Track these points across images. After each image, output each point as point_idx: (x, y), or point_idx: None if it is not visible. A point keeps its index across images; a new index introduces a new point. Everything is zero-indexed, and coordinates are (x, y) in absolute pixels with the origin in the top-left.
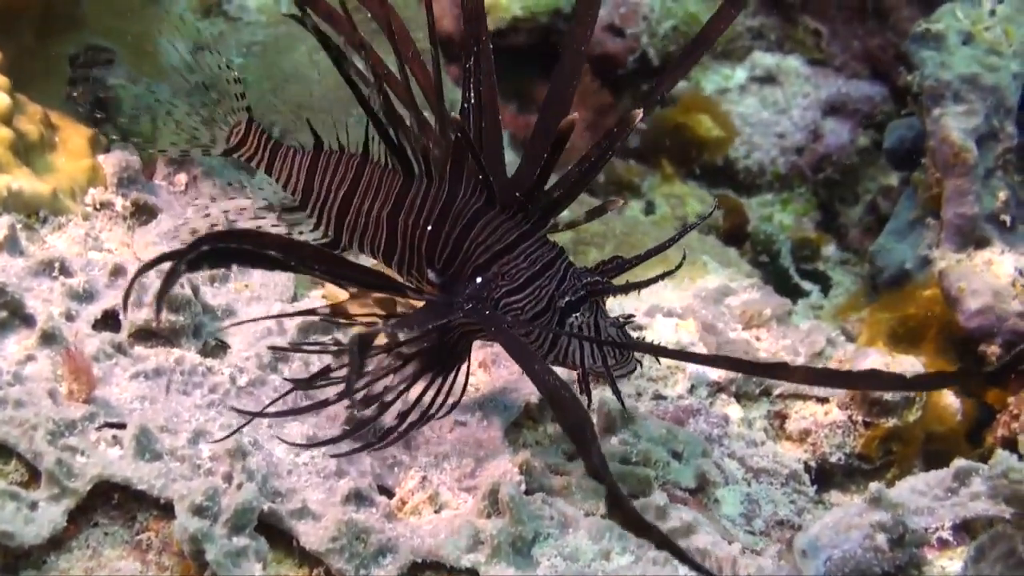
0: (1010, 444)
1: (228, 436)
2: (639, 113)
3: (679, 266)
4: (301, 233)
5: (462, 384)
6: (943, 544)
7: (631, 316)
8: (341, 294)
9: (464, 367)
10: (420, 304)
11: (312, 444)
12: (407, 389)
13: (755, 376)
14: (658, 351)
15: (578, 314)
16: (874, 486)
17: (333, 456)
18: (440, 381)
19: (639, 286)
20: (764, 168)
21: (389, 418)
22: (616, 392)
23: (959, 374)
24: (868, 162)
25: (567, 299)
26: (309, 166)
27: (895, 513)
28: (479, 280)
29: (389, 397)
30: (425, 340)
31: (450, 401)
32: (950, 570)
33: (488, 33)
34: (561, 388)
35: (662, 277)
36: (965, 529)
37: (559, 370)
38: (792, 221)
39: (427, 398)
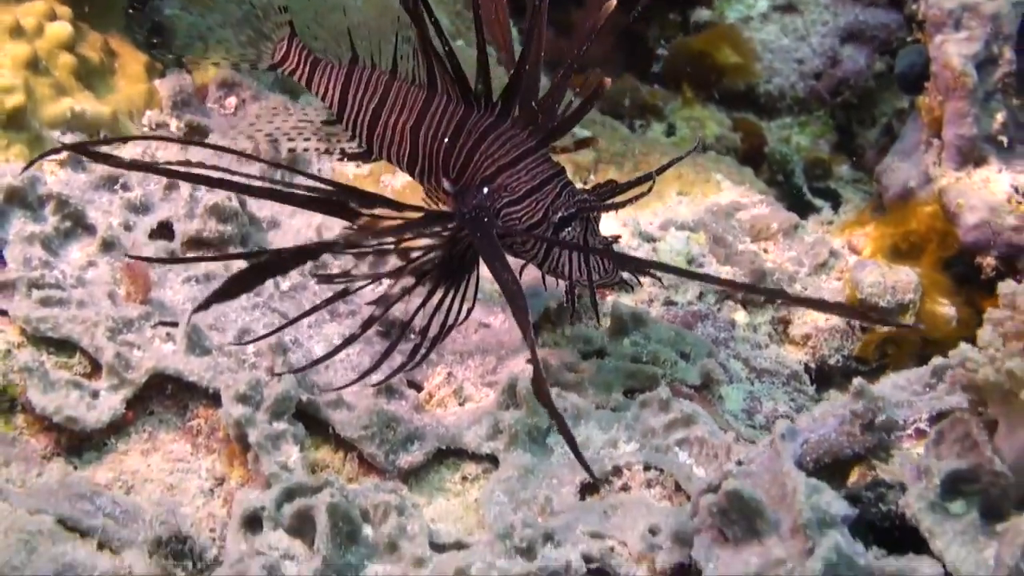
0: None
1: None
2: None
3: (649, 190)
4: (339, 141)
5: (474, 291)
6: (920, 434)
7: (618, 236)
8: None
9: (474, 275)
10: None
11: (352, 382)
12: (424, 304)
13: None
14: (631, 261)
15: (570, 228)
16: (857, 381)
17: (372, 386)
18: (454, 292)
19: (622, 205)
20: (784, 92)
21: (413, 334)
22: (594, 304)
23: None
24: (884, 86)
25: (560, 214)
26: (344, 81)
27: (871, 402)
28: (485, 190)
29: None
30: (435, 254)
31: (465, 307)
32: (916, 453)
33: None
34: (513, 283)
35: (638, 198)
36: (941, 419)
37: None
38: (809, 143)
39: (442, 313)
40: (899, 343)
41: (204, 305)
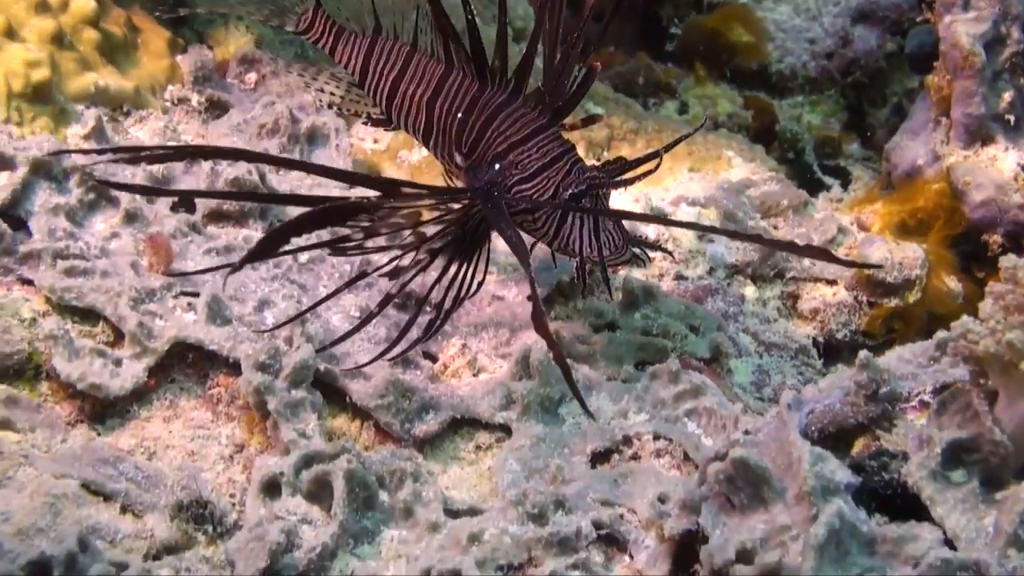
0: None
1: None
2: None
3: (657, 167)
4: (365, 105)
5: (485, 265)
6: (924, 405)
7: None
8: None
9: (486, 249)
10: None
11: (373, 359)
12: (440, 279)
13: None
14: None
15: (582, 204)
16: (863, 353)
17: (388, 360)
18: (467, 266)
19: (631, 181)
20: (796, 71)
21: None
22: (606, 280)
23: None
24: (894, 66)
25: (570, 191)
26: (366, 51)
27: (876, 374)
28: (496, 167)
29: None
30: (448, 231)
31: (477, 279)
32: (919, 423)
33: None
34: (520, 244)
35: (647, 174)
36: (944, 391)
37: None
38: (820, 121)
39: (456, 287)
40: (905, 318)
41: (240, 265)
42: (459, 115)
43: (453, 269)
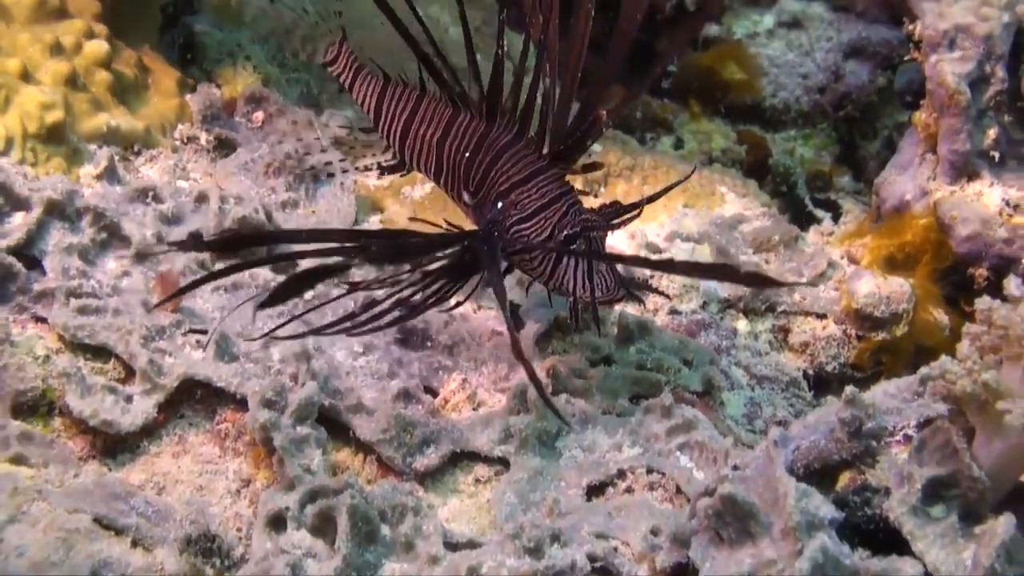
0: None
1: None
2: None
3: (639, 214)
4: (374, 155)
5: (471, 291)
6: (908, 439)
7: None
8: (399, 219)
9: (475, 281)
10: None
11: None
12: (420, 286)
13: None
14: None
15: (574, 246)
16: (849, 389)
17: (351, 335)
18: (450, 285)
19: (621, 225)
20: (789, 106)
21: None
22: (596, 320)
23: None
24: (885, 100)
25: (565, 232)
26: (380, 92)
27: (862, 412)
28: (499, 205)
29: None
30: (445, 260)
31: (456, 299)
32: (901, 459)
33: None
34: (502, 293)
35: (634, 217)
36: (927, 426)
37: None
38: (812, 154)
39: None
40: (893, 351)
41: (262, 306)
42: (467, 154)
43: (436, 285)
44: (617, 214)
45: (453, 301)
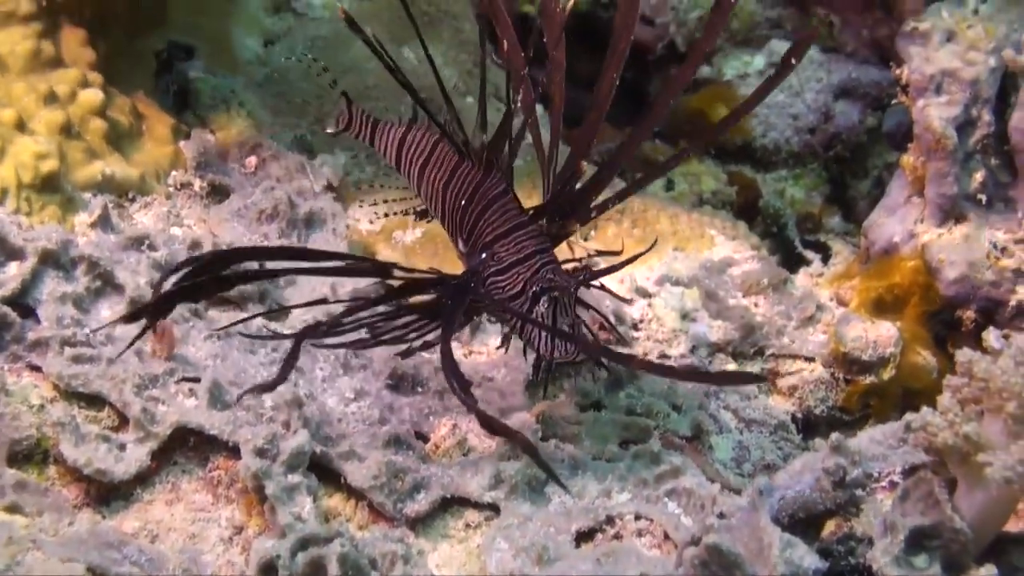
0: None
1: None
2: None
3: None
4: (407, 200)
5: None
6: (893, 486)
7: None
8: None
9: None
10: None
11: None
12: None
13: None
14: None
15: (540, 305)
16: (835, 436)
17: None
18: (427, 322)
19: (586, 282)
20: (779, 146)
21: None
22: (545, 380)
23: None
24: (875, 141)
25: (534, 289)
26: (399, 140)
27: (845, 459)
28: (483, 255)
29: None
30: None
31: (426, 338)
32: (885, 507)
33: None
34: (448, 352)
35: (605, 273)
36: (912, 473)
37: None
38: (803, 195)
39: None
40: (881, 394)
41: (277, 382)
42: (462, 202)
43: (410, 318)
44: (589, 278)
45: (422, 341)
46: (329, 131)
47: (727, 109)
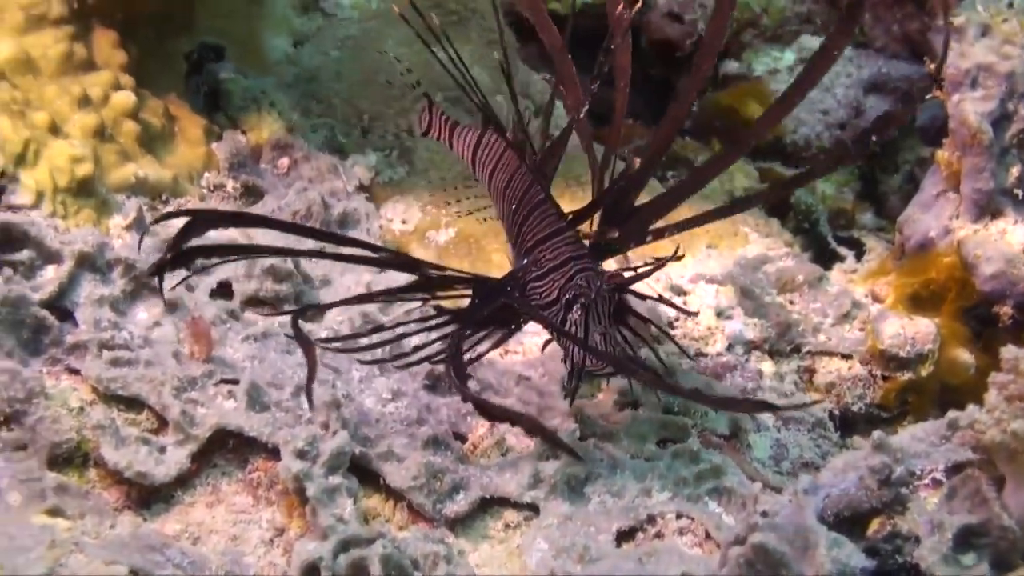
0: None
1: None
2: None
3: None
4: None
5: (498, 340)
6: (936, 484)
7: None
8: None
9: (494, 333)
10: None
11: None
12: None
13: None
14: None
15: (573, 312)
16: (876, 434)
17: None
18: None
19: (622, 289)
20: (810, 142)
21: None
22: (574, 388)
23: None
24: (905, 135)
25: (567, 296)
26: (475, 143)
27: (889, 457)
28: (525, 261)
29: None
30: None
31: (480, 347)
32: (931, 505)
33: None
34: (458, 355)
35: (638, 279)
36: (956, 471)
37: None
38: (834, 191)
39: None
40: (919, 391)
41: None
42: (514, 206)
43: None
44: (622, 286)
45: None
46: (416, 134)
47: (758, 105)
